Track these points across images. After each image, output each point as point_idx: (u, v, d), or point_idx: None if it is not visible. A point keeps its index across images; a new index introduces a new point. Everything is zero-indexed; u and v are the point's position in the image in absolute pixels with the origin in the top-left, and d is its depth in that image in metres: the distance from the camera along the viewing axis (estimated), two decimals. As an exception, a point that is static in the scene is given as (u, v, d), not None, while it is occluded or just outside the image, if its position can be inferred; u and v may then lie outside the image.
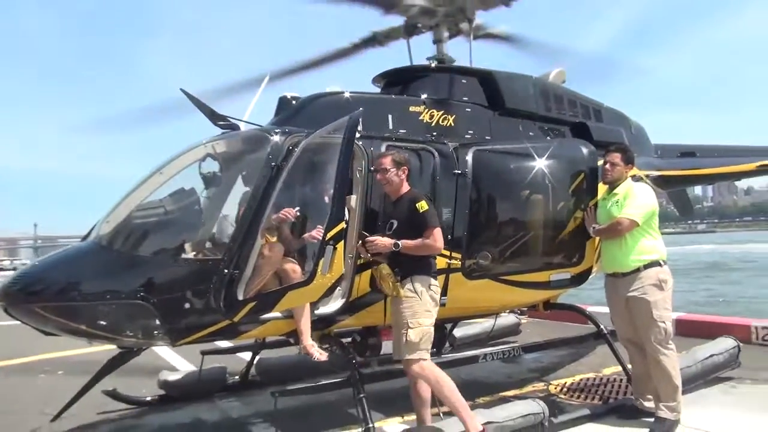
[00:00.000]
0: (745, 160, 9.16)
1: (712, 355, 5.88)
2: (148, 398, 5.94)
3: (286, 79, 6.44)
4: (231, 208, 4.60)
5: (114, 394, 5.61)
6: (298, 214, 4.37)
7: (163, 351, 7.68)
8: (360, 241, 4.29)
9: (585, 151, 5.74)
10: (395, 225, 4.26)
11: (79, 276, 4.09)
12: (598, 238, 5.37)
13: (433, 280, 4.25)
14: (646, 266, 4.80)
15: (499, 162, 5.51)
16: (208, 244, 4.44)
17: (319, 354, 4.32)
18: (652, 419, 4.74)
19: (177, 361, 7.49)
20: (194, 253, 4.31)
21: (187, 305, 4.07)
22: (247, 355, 6.58)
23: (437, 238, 4.16)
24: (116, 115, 6.05)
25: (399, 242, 4.11)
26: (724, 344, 6.12)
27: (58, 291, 4.00)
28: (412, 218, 4.16)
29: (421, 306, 4.12)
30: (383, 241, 4.14)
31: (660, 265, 4.84)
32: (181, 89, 4.90)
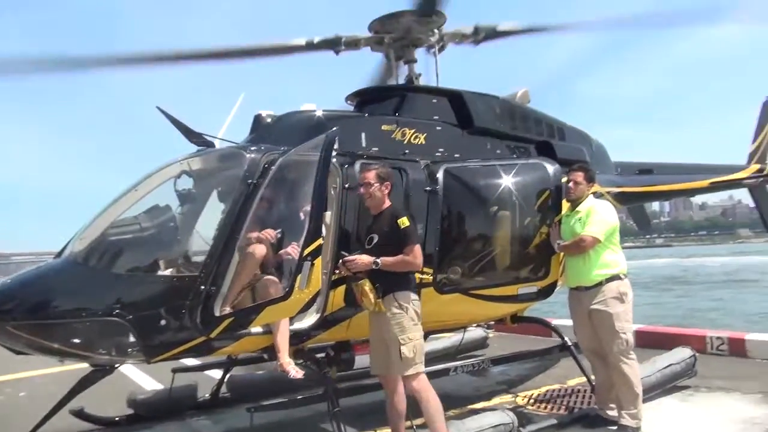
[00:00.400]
0: (698, 177, 9.63)
1: (670, 365, 6.15)
2: (117, 418, 5.86)
3: (244, 60, 6.48)
4: (208, 225, 4.62)
5: (81, 414, 5.52)
6: (279, 235, 4.44)
7: (129, 370, 7.56)
8: (340, 260, 4.34)
9: (551, 169, 5.96)
10: (376, 239, 4.33)
11: (54, 293, 4.07)
12: (562, 253, 5.59)
13: (413, 295, 4.32)
14: (608, 280, 5.02)
15: (469, 179, 5.68)
16: (184, 261, 4.46)
17: (296, 372, 4.37)
18: (615, 427, 4.94)
19: (143, 380, 7.38)
20: (171, 269, 4.33)
21: (163, 322, 4.08)
22: (218, 373, 6.55)
23: (417, 255, 4.24)
24: None
25: (378, 260, 4.16)
26: (681, 354, 6.39)
27: (32, 309, 3.97)
28: (393, 234, 4.24)
29: (408, 321, 4.20)
30: (363, 260, 4.20)
31: (621, 278, 5.07)
32: (157, 107, 4.96)
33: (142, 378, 7.50)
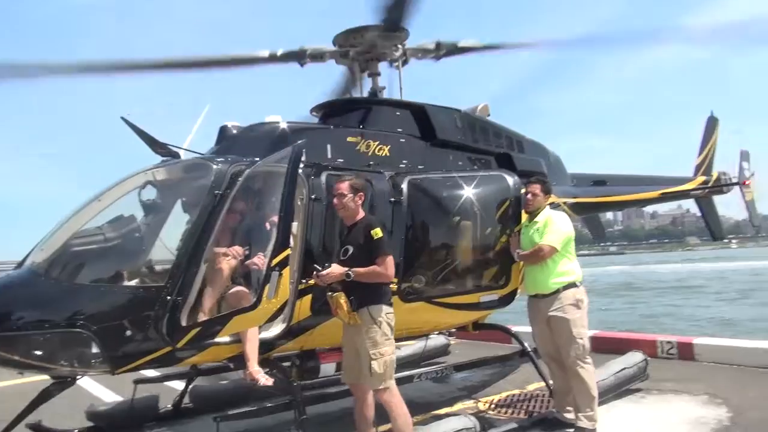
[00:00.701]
0: (649, 188, 10.10)
1: (623, 369, 6.41)
2: (76, 430, 5.73)
3: (209, 70, 6.50)
4: (174, 236, 4.61)
5: (38, 428, 5.37)
6: (247, 249, 4.47)
7: (86, 383, 7.39)
8: (315, 273, 4.35)
9: (510, 181, 6.16)
10: (351, 251, 4.37)
11: (16, 304, 4.00)
12: (521, 262, 5.79)
13: (387, 308, 4.35)
14: (565, 287, 5.23)
15: (432, 191, 5.83)
16: (150, 272, 4.45)
17: (266, 380, 4.39)
18: (572, 429, 5.13)
19: (101, 393, 7.23)
20: (136, 280, 4.31)
21: (128, 333, 4.07)
22: (180, 384, 6.47)
23: (388, 266, 4.27)
24: None
25: (351, 272, 4.18)
26: (634, 358, 6.67)
27: None
28: (366, 245, 4.27)
29: (380, 336, 4.25)
30: (334, 272, 4.22)
31: (576, 286, 5.29)
32: (121, 117, 4.95)
33: (99, 390, 7.34)
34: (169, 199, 4.85)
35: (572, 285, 5.26)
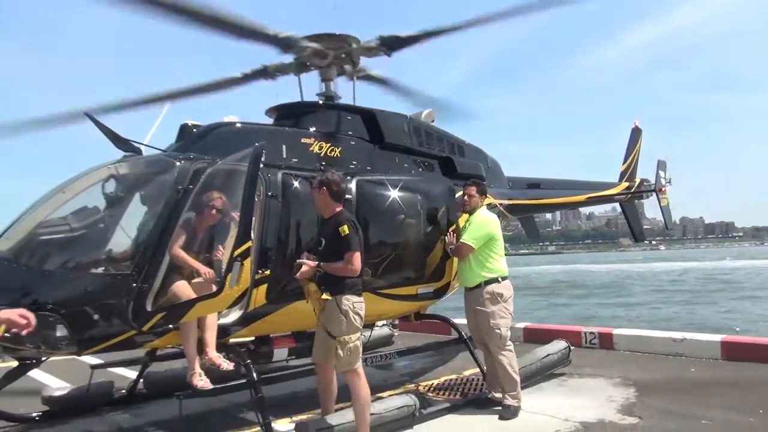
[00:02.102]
0: (578, 192, 10.92)
1: (548, 355, 7.11)
2: (33, 414, 5.89)
3: (179, 101, 6.81)
4: (139, 227, 4.88)
5: None
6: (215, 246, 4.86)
7: (36, 373, 7.46)
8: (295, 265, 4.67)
9: (446, 184, 6.79)
10: (323, 243, 4.75)
11: None
12: (455, 258, 6.36)
13: (355, 298, 4.68)
14: (487, 282, 5.82)
15: (377, 191, 6.28)
16: (117, 260, 4.68)
17: (227, 364, 4.75)
18: (500, 407, 5.73)
19: (50, 382, 7.34)
20: (104, 268, 4.56)
21: (96, 316, 4.32)
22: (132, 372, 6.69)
23: (353, 261, 4.60)
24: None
25: (320, 268, 4.57)
26: (558, 346, 7.38)
27: None
28: (336, 240, 4.64)
29: (348, 324, 4.61)
30: (306, 271, 4.56)
31: (498, 281, 5.87)
32: (85, 113, 5.19)
33: (47, 379, 7.43)
34: (135, 193, 5.06)
35: (494, 280, 5.85)
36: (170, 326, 4.63)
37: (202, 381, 4.68)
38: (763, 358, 7.32)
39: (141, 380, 6.63)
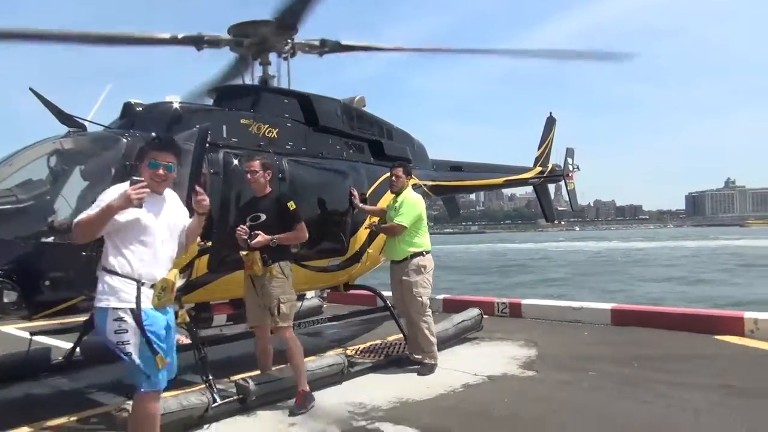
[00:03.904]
0: (496, 175, 11.81)
1: (463, 321, 7.94)
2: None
3: (102, 46, 6.94)
4: (89, 199, 5.08)
5: None
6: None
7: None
8: (245, 237, 5.16)
9: (365, 167, 7.44)
10: (262, 218, 5.26)
11: None
12: (364, 234, 7.10)
13: (290, 264, 5.39)
14: (413, 256, 6.49)
15: (300, 171, 6.70)
16: (66, 229, 4.87)
17: (185, 339, 5.17)
18: (419, 366, 6.45)
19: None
20: (53, 236, 4.75)
21: (47, 282, 4.59)
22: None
23: (305, 230, 5.34)
24: None
25: (275, 239, 5.13)
26: (472, 313, 8.22)
27: None
28: (281, 215, 5.23)
29: (288, 285, 5.30)
30: (262, 240, 5.11)
31: (423, 255, 6.55)
32: (30, 88, 5.34)
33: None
34: (85, 167, 5.25)
35: (419, 254, 6.53)
36: None
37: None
38: (644, 322, 8.49)
39: (78, 348, 6.85)
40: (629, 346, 7.44)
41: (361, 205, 7.01)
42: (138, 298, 3.57)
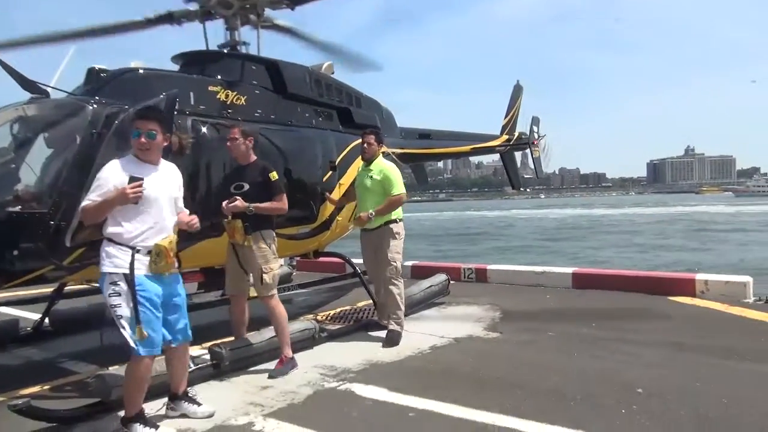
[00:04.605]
0: (463, 143, 11.97)
1: (431, 286, 8.15)
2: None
3: (81, 41, 6.81)
4: (54, 168, 5.02)
5: None
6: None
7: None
8: (224, 203, 5.14)
9: (335, 135, 7.51)
10: (246, 187, 5.24)
11: None
12: (331, 204, 7.22)
13: (274, 234, 5.40)
14: (387, 223, 6.60)
15: (277, 138, 6.75)
16: (35, 199, 4.80)
17: None
18: (386, 330, 6.63)
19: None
20: (22, 206, 4.71)
21: (15, 252, 4.56)
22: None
23: (285, 201, 5.33)
24: None
25: (252, 208, 5.10)
26: (439, 279, 8.44)
27: None
28: (264, 184, 5.22)
29: (270, 254, 5.31)
30: (239, 205, 5.08)
31: (396, 222, 6.66)
32: (-8, 55, 5.18)
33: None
34: (50, 134, 5.13)
35: (393, 221, 6.65)
36: (88, 262, 4.94)
37: None
38: (603, 285, 8.86)
39: (46, 318, 6.84)
40: (588, 308, 7.79)
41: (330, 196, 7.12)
42: (132, 264, 3.73)
